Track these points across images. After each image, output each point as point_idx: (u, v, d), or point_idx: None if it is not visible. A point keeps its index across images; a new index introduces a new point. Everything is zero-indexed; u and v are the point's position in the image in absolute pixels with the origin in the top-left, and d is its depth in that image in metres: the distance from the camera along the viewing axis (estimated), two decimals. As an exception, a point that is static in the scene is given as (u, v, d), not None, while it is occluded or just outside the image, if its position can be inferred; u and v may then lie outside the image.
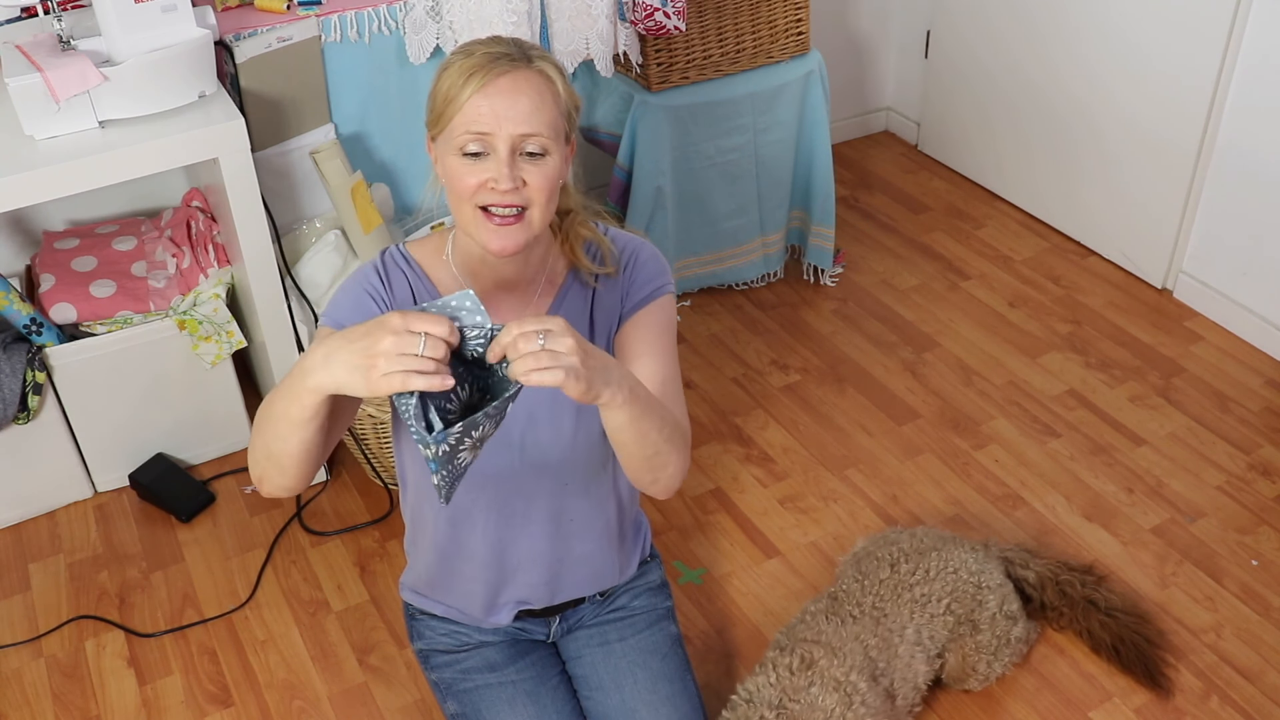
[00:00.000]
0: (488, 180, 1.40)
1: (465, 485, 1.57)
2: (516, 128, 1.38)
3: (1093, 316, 2.90)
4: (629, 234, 1.63)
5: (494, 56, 1.40)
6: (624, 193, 2.80)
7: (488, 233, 1.43)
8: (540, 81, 1.41)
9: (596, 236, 1.58)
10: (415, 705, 2.02)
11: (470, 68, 1.39)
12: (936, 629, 1.87)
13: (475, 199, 1.42)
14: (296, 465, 1.35)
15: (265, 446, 1.35)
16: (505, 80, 1.39)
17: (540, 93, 1.41)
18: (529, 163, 1.41)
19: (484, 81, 1.38)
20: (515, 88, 1.39)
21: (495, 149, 1.39)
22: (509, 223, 1.42)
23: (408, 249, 1.58)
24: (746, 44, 2.76)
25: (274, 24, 2.25)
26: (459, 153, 1.41)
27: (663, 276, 1.59)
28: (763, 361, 2.80)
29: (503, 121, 1.38)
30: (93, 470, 2.43)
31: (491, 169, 1.40)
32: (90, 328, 2.31)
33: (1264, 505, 2.34)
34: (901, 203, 3.40)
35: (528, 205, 1.42)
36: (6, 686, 2.08)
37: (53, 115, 1.96)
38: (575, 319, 1.57)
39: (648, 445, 1.39)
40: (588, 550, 1.69)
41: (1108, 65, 2.91)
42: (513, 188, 1.40)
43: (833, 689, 1.69)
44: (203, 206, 2.48)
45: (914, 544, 1.98)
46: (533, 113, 1.39)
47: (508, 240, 1.43)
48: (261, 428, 1.36)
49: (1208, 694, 1.99)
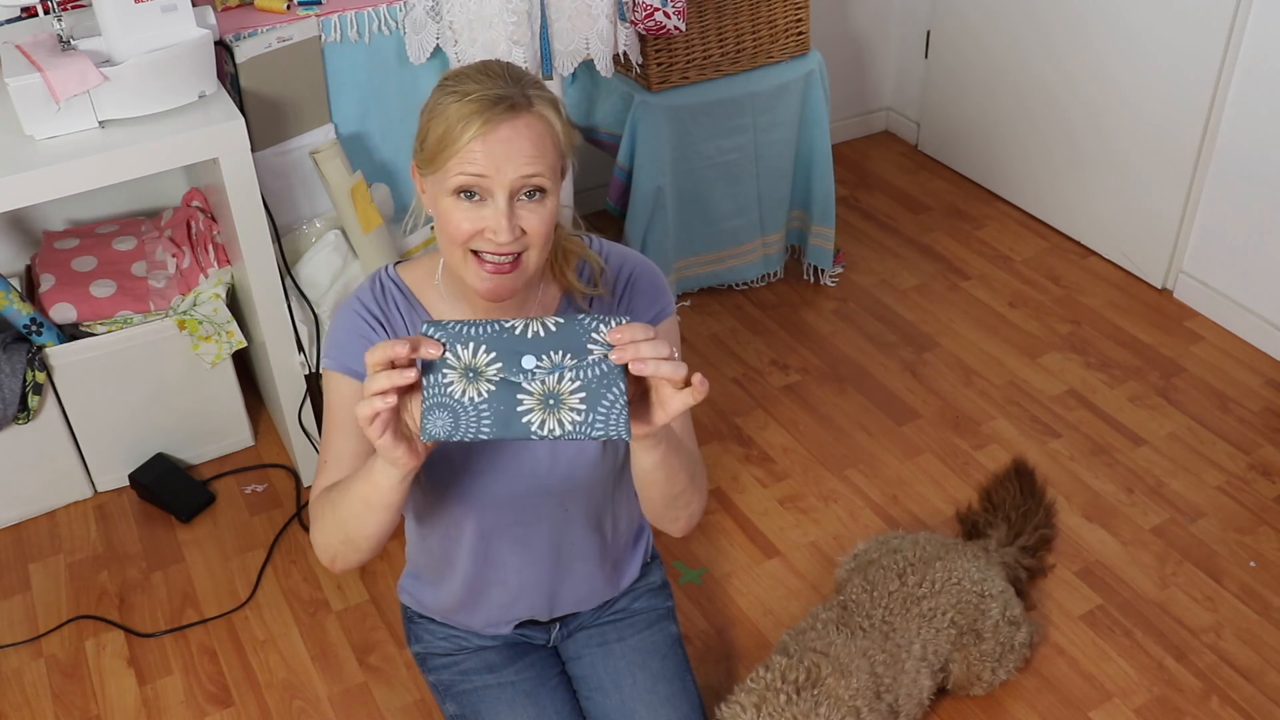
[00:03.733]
0: (484, 229, 1.34)
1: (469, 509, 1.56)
2: (516, 170, 1.33)
3: (1093, 316, 2.90)
4: (620, 248, 1.58)
5: (493, 100, 1.33)
6: (624, 193, 2.80)
7: (478, 278, 1.38)
8: (541, 126, 1.35)
9: (585, 252, 1.54)
10: (415, 705, 2.02)
11: (469, 113, 1.32)
12: (941, 642, 1.87)
13: (469, 244, 1.36)
14: (372, 546, 1.40)
15: (342, 531, 1.38)
16: (505, 129, 1.32)
17: (540, 137, 1.35)
18: (526, 207, 1.35)
19: (483, 130, 1.32)
20: (516, 134, 1.33)
21: (493, 195, 1.34)
22: (503, 269, 1.37)
23: (399, 273, 1.54)
24: (746, 44, 2.76)
25: (274, 24, 2.25)
26: (452, 193, 1.35)
27: (661, 298, 1.55)
28: (763, 361, 2.80)
29: (501, 166, 1.32)
30: (93, 470, 2.43)
31: (489, 218, 1.34)
32: (90, 328, 2.31)
33: (1264, 505, 2.34)
34: (901, 203, 3.40)
35: (524, 250, 1.38)
36: (6, 686, 2.08)
37: (53, 115, 1.96)
38: None
39: (676, 484, 1.38)
40: (588, 570, 1.69)
41: (1108, 65, 2.91)
42: (511, 239, 1.34)
43: (837, 709, 1.68)
44: (203, 206, 2.48)
45: (918, 552, 1.97)
46: (534, 157, 1.34)
47: (501, 286, 1.38)
48: (335, 513, 1.38)
49: (1208, 694, 1.99)
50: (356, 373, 1.46)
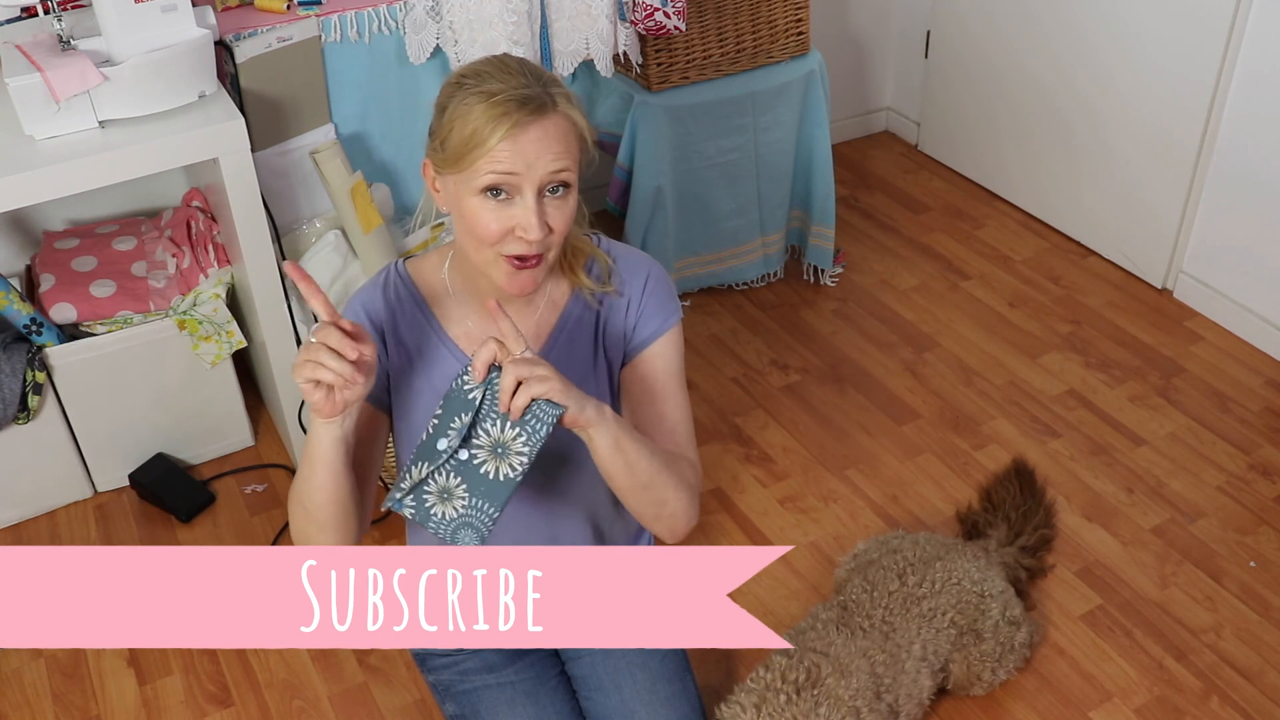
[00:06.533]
0: (514, 228, 1.36)
1: None
2: (545, 167, 1.35)
3: (1093, 316, 2.90)
4: (625, 248, 1.60)
5: (520, 101, 1.34)
6: (624, 193, 2.80)
7: (507, 276, 1.41)
8: (566, 124, 1.37)
9: (595, 251, 1.55)
10: (415, 705, 2.02)
11: (497, 114, 1.33)
12: (941, 643, 1.87)
13: (500, 246, 1.38)
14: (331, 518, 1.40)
15: (301, 505, 1.41)
16: (535, 129, 1.34)
17: (567, 135, 1.37)
18: (552, 204, 1.38)
19: (513, 131, 1.33)
20: (545, 134, 1.35)
21: (522, 192, 1.35)
22: (530, 265, 1.40)
23: (407, 269, 1.55)
24: (746, 44, 2.76)
25: (274, 24, 2.25)
26: (479, 192, 1.36)
27: (672, 304, 1.57)
28: (763, 361, 2.80)
29: (532, 165, 1.34)
30: (93, 470, 2.43)
31: (519, 215, 1.36)
32: (90, 328, 2.31)
33: (1264, 505, 2.34)
34: (901, 203, 3.40)
35: (548, 247, 1.40)
36: (6, 686, 2.08)
37: (53, 115, 1.96)
38: (582, 342, 1.55)
39: (639, 474, 1.39)
40: None
41: (1108, 65, 2.91)
42: (542, 235, 1.37)
43: (837, 710, 1.68)
44: (203, 206, 2.48)
45: (918, 552, 1.97)
46: (562, 154, 1.36)
47: (527, 282, 1.41)
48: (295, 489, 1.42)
49: (1208, 694, 1.99)
50: None
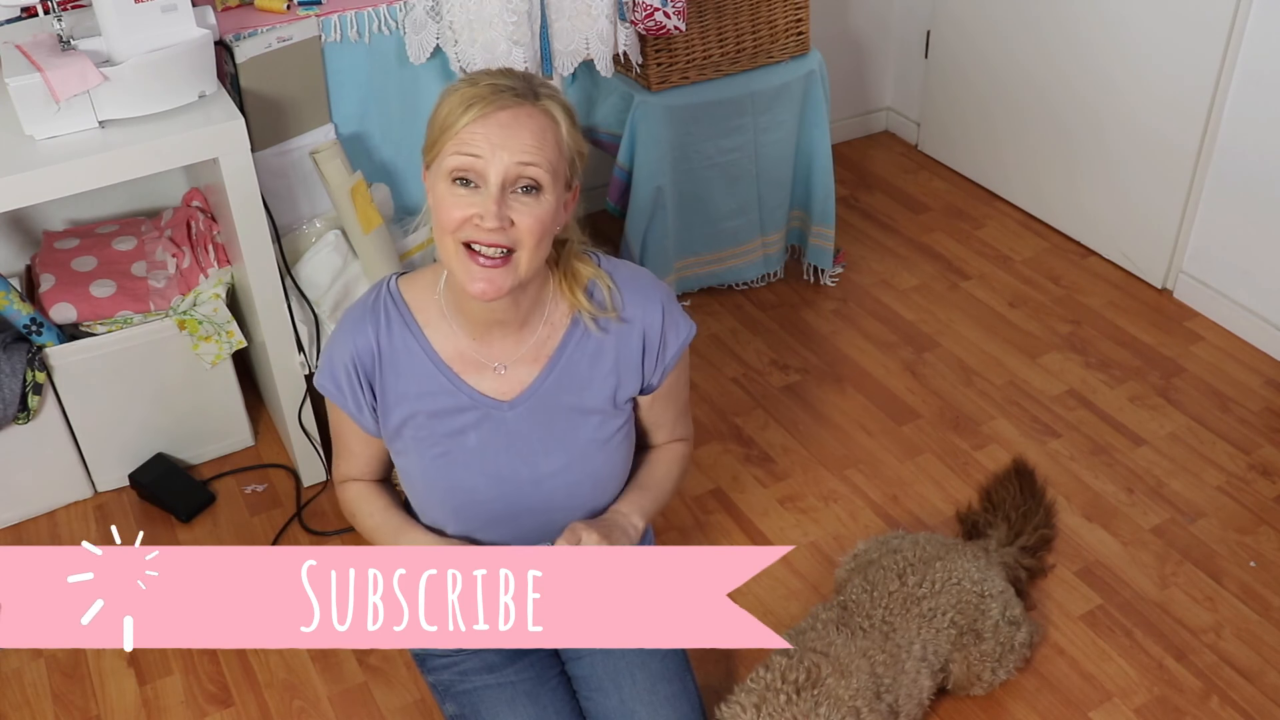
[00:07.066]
0: (473, 215, 1.34)
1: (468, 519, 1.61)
2: (512, 156, 1.32)
3: (1093, 316, 2.90)
4: (638, 274, 1.57)
5: (499, 89, 1.33)
6: (624, 193, 2.80)
7: (469, 273, 1.37)
8: (544, 119, 1.35)
9: (596, 273, 1.53)
10: (415, 705, 2.02)
11: (471, 97, 1.33)
12: (941, 643, 1.87)
13: (459, 233, 1.35)
14: None
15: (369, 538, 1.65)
16: (506, 114, 1.32)
17: (542, 130, 1.35)
18: (520, 200, 1.35)
19: (483, 112, 1.32)
20: (516, 121, 1.33)
21: (486, 181, 1.33)
22: (494, 264, 1.36)
23: (400, 287, 1.54)
24: (746, 44, 2.76)
25: (274, 24, 2.25)
26: (448, 179, 1.35)
27: (685, 324, 1.58)
28: (763, 361, 2.80)
29: (497, 150, 1.32)
30: (93, 470, 2.43)
31: (479, 203, 1.34)
32: (90, 328, 2.31)
33: (1264, 505, 2.34)
34: (901, 203, 3.40)
35: (515, 247, 1.36)
36: (6, 686, 2.08)
37: (53, 115, 1.96)
38: (584, 366, 1.54)
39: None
40: None
41: (1108, 65, 2.91)
42: (499, 226, 1.33)
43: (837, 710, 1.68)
44: (203, 206, 2.48)
45: (918, 552, 1.97)
46: (532, 147, 1.33)
47: (490, 284, 1.37)
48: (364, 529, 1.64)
49: (1208, 694, 1.99)
50: (346, 408, 1.55)
